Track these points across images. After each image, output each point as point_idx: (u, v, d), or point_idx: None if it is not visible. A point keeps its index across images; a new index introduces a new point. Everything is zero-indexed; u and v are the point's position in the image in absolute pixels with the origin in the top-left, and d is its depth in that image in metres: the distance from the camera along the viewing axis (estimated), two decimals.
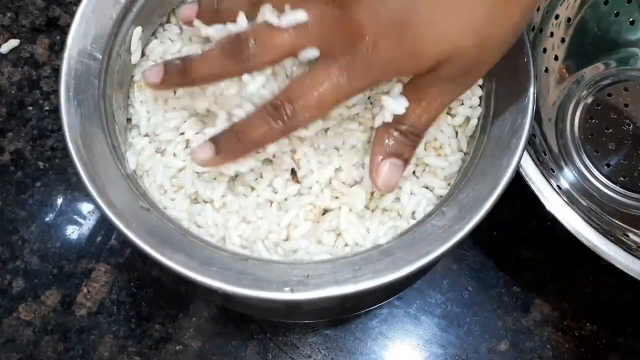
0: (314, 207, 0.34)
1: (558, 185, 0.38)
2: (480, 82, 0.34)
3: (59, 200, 0.45)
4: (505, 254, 0.44)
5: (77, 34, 0.32)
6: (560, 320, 0.43)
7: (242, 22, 0.29)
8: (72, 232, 0.44)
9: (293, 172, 0.34)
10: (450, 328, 0.43)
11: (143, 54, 0.36)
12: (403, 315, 0.43)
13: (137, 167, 0.34)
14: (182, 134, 0.34)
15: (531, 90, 0.32)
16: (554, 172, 0.43)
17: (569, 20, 0.46)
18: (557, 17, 0.45)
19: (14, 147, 0.46)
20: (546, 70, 0.46)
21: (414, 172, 0.35)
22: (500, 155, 0.31)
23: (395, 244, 0.30)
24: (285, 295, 0.28)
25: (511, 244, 0.45)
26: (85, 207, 0.45)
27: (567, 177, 0.45)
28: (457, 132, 0.35)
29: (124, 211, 0.29)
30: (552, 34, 0.46)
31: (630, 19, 0.46)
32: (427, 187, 0.34)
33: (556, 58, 0.47)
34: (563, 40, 0.46)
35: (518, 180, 0.35)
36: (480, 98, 0.35)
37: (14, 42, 0.48)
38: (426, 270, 0.41)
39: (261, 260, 0.30)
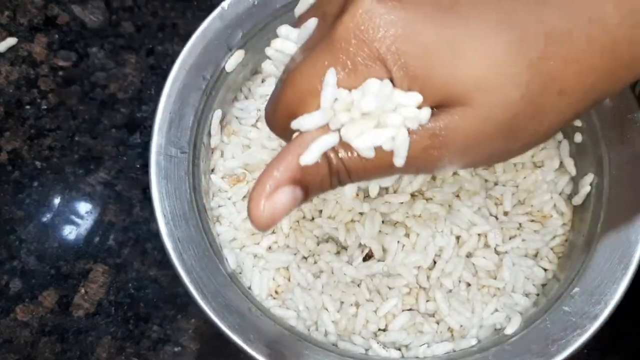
0: (410, 290, 0.31)
1: None
2: (580, 139, 0.32)
3: (57, 200, 0.44)
4: None
5: (161, 127, 0.31)
6: None
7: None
8: (70, 232, 0.44)
9: (368, 254, 0.32)
10: None
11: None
12: None
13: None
14: None
15: None
16: None
17: None
18: None
19: (11, 147, 0.45)
20: None
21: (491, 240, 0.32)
22: (626, 227, 0.28)
23: (527, 335, 0.27)
24: None
25: None
26: (83, 207, 0.44)
27: None
28: (562, 200, 0.33)
29: (238, 322, 0.28)
30: None
31: None
32: (527, 256, 0.32)
33: None
34: None
35: None
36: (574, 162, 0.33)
37: (11, 41, 0.48)
38: None
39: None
